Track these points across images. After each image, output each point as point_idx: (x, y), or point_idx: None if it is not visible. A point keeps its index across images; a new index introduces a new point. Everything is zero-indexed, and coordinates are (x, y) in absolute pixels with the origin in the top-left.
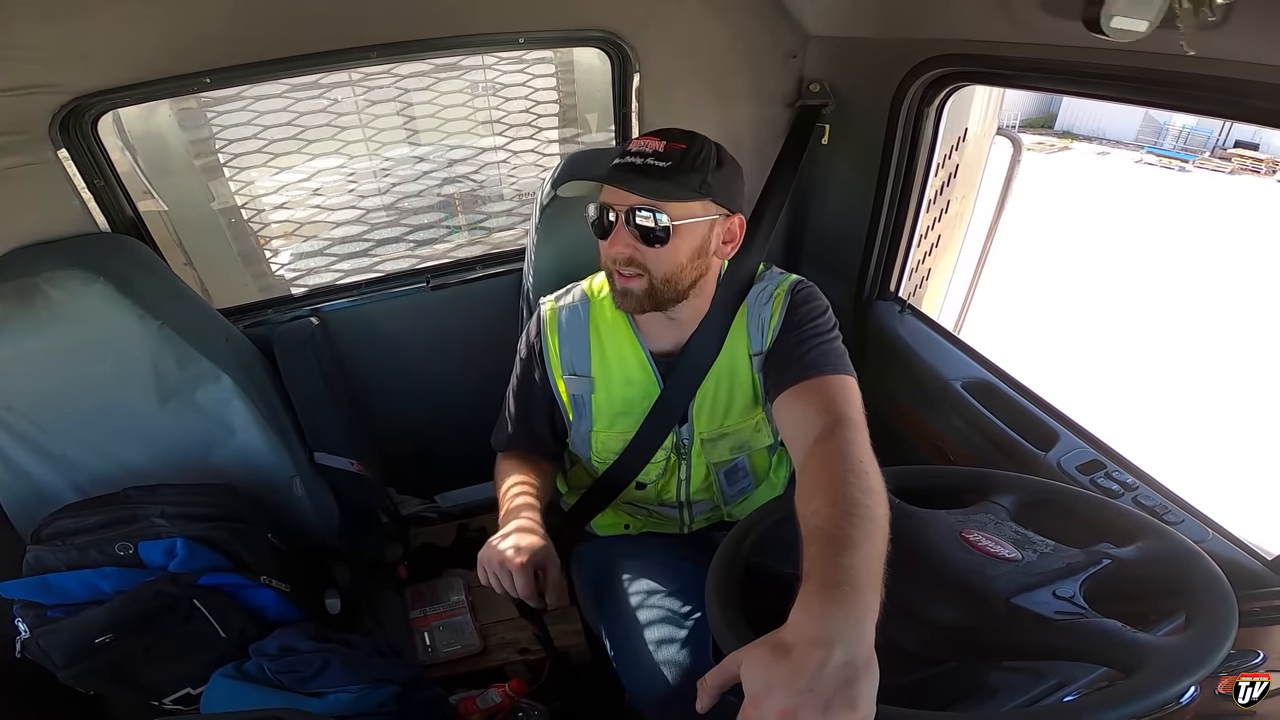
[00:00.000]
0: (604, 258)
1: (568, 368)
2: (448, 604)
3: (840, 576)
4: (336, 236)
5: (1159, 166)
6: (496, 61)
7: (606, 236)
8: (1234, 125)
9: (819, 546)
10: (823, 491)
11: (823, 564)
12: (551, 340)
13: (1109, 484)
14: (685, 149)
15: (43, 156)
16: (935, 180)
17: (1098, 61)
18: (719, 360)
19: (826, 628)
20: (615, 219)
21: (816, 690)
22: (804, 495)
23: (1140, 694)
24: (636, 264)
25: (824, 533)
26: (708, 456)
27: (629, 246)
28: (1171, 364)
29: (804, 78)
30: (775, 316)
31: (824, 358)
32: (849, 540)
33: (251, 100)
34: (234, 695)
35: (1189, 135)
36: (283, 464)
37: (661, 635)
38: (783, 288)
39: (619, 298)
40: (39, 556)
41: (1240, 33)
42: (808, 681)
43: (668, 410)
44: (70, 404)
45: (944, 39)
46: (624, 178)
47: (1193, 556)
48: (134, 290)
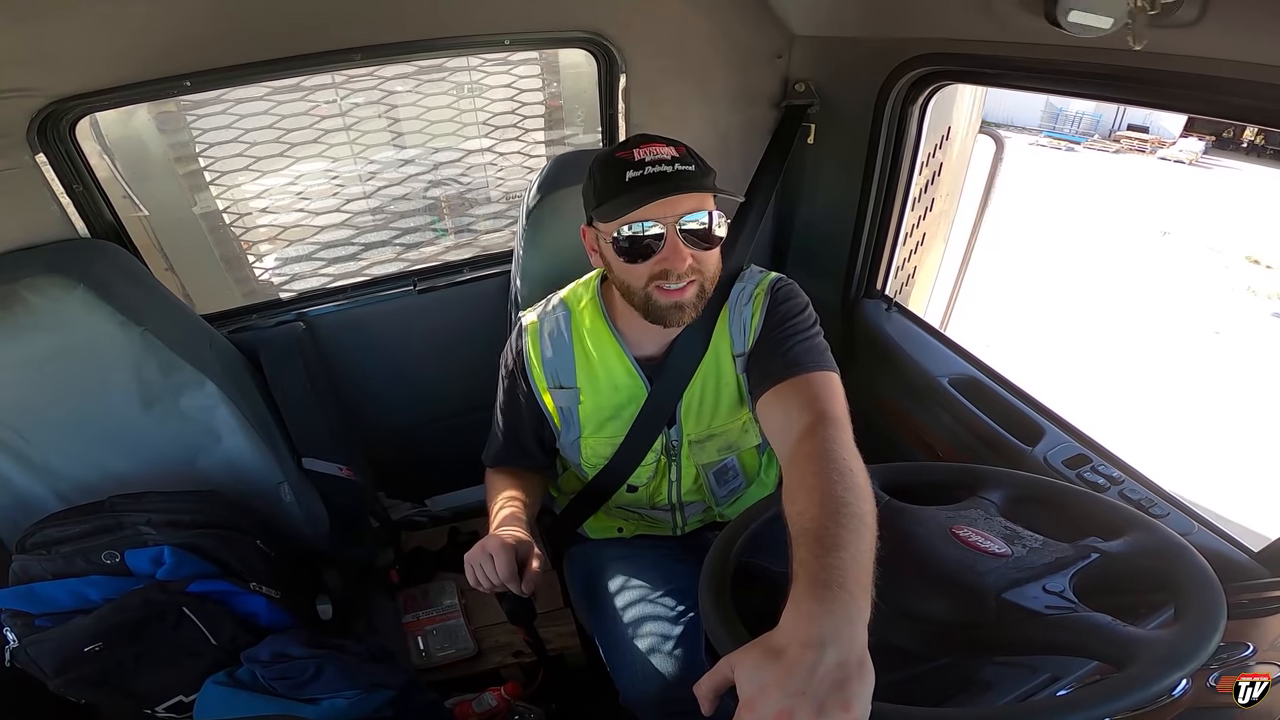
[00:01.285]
0: (643, 276)
1: (552, 380)
2: (441, 608)
3: (829, 577)
4: (321, 240)
5: (1049, 148)
6: (482, 63)
7: (649, 256)
8: (1127, 110)
9: (806, 547)
10: (807, 492)
11: (811, 565)
12: (534, 354)
13: (1095, 478)
14: (688, 149)
15: (20, 161)
16: (919, 179)
17: (1078, 60)
18: (704, 362)
19: (818, 629)
20: (664, 233)
21: (810, 692)
22: (790, 495)
23: (1133, 687)
24: (693, 270)
25: (811, 534)
26: (695, 459)
27: (688, 256)
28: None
29: (789, 78)
30: (756, 316)
31: (805, 355)
32: (836, 540)
33: (233, 103)
34: (227, 702)
35: (1082, 119)
36: (270, 470)
37: (654, 637)
38: (762, 286)
39: (673, 313)
40: (25, 566)
41: (1216, 31)
42: (801, 683)
43: (655, 413)
44: (52, 412)
45: (926, 38)
46: (670, 186)
47: (1180, 550)
48: (115, 296)
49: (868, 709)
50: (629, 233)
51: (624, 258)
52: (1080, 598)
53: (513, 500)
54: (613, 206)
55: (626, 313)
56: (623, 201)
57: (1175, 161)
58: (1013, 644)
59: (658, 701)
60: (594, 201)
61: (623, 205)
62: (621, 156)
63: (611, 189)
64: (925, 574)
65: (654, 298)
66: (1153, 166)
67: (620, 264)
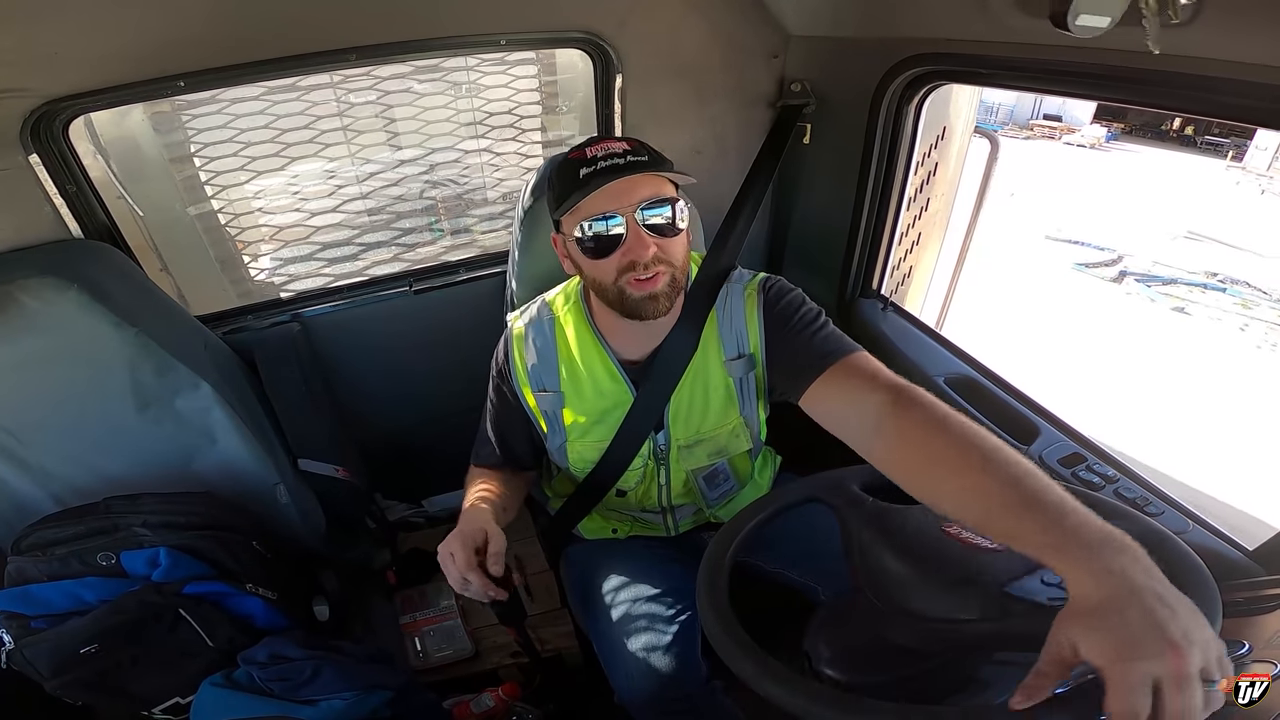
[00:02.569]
0: (611, 270)
1: (536, 384)
2: (438, 609)
3: (1070, 532)
4: (316, 241)
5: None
6: (478, 63)
7: (613, 250)
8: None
9: (1016, 517)
10: (960, 463)
11: (1042, 529)
12: (519, 359)
13: (1090, 477)
14: (640, 143)
15: (13, 162)
16: (915, 178)
17: (1073, 60)
18: (692, 365)
19: (1116, 581)
20: (624, 224)
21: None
22: (926, 472)
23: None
24: (659, 260)
25: (1008, 500)
26: (684, 463)
27: (651, 244)
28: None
29: (785, 77)
30: (753, 319)
31: (830, 341)
32: (1041, 494)
33: (227, 103)
34: (224, 704)
35: (999, 109)
36: (266, 471)
37: (649, 637)
38: (751, 288)
39: (648, 304)
40: (20, 568)
41: (1210, 30)
42: (1158, 619)
43: (641, 418)
44: (46, 414)
45: (922, 38)
46: (624, 172)
47: (1169, 542)
48: (109, 297)
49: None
50: (590, 229)
51: (589, 255)
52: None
53: (480, 492)
54: (571, 202)
55: (609, 316)
56: (578, 196)
57: (1079, 146)
58: (1019, 637)
59: (653, 701)
60: (554, 205)
61: (579, 199)
62: (574, 157)
63: (568, 187)
64: (924, 572)
65: (627, 291)
66: (1057, 151)
67: (588, 262)
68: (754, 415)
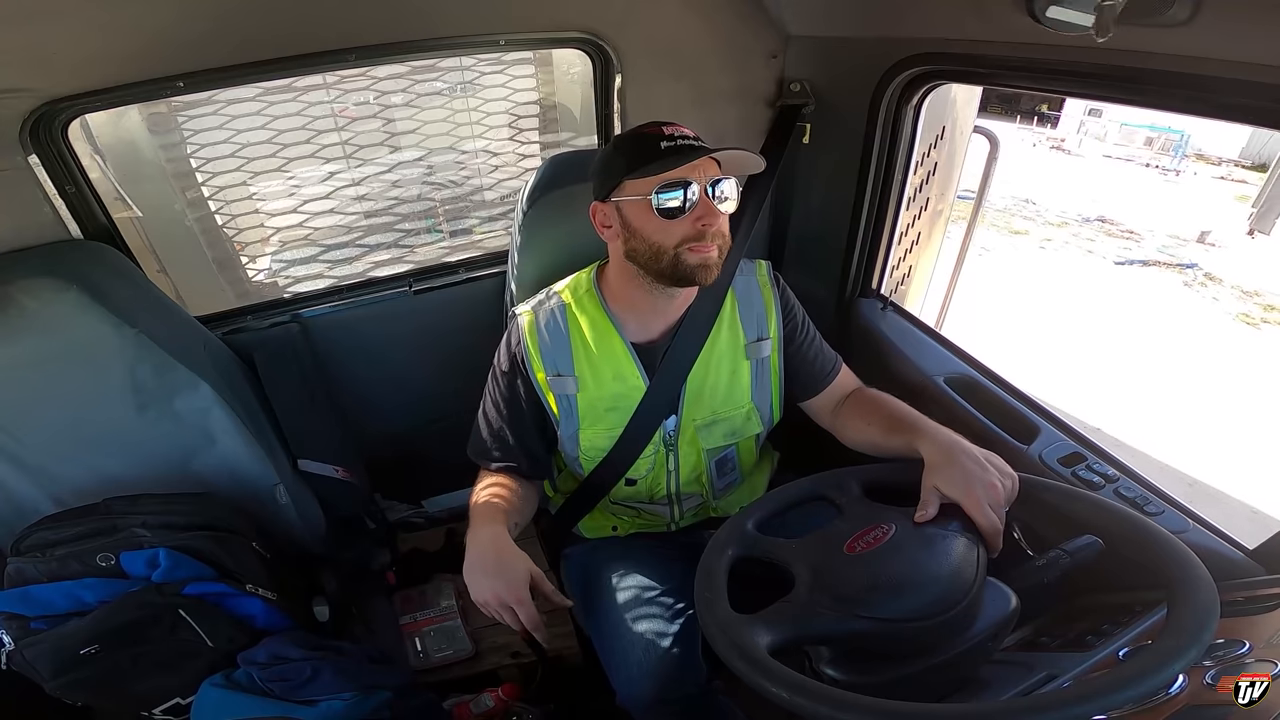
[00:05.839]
0: (676, 235)
1: (551, 369)
2: (438, 609)
3: (923, 428)
4: (315, 241)
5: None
6: (476, 63)
7: (684, 214)
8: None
9: (895, 432)
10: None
11: (909, 430)
12: (532, 345)
13: (1090, 476)
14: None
15: (12, 163)
16: (914, 178)
17: (1071, 60)
18: (709, 348)
19: (952, 438)
20: (698, 192)
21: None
22: (861, 410)
23: (1129, 681)
24: (720, 232)
25: (888, 427)
26: (702, 443)
27: (720, 215)
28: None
29: (785, 77)
30: (771, 306)
31: (824, 358)
32: (906, 418)
33: (225, 104)
34: (224, 704)
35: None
36: (265, 472)
37: (650, 637)
38: (762, 276)
39: (702, 271)
40: (20, 569)
41: (1209, 30)
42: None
43: (657, 401)
44: (46, 414)
45: (921, 38)
46: (698, 151)
47: (1160, 536)
48: (109, 298)
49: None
50: (670, 192)
51: (662, 215)
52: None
53: (496, 490)
54: (652, 169)
55: (625, 301)
56: (664, 163)
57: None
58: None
59: (654, 701)
60: (623, 169)
61: (665, 165)
62: (651, 132)
63: (647, 155)
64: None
65: (683, 257)
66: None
67: (656, 223)
68: (767, 398)
